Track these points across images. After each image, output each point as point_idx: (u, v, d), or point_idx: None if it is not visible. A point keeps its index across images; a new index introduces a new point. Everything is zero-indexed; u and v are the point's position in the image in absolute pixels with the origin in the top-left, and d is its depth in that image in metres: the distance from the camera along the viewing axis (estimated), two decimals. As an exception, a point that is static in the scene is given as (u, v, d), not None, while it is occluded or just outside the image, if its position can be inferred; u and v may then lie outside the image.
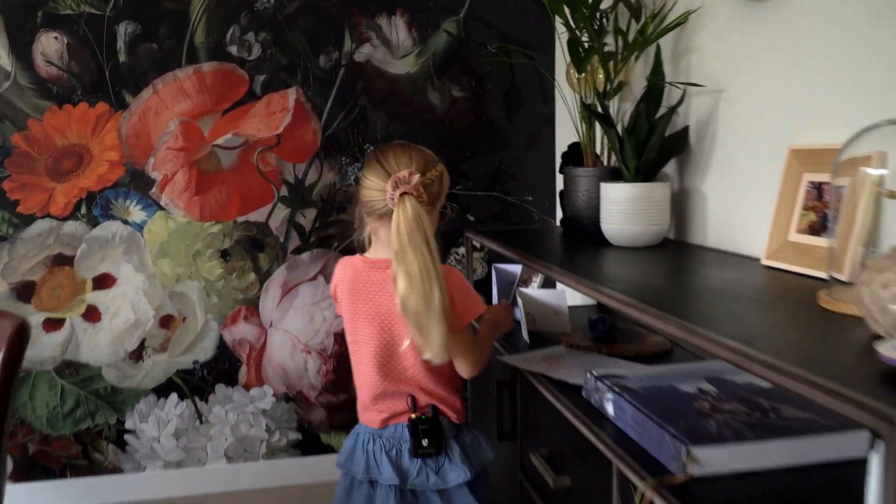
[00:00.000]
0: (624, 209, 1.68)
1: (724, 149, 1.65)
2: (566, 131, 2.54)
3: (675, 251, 1.69)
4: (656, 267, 1.52)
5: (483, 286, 2.45)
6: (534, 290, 2.09)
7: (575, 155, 2.02)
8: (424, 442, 1.50)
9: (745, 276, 1.36)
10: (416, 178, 1.44)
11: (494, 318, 1.67)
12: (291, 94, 2.46)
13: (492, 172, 2.63)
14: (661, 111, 1.72)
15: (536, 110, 2.64)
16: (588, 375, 1.38)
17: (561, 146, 2.61)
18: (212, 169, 2.44)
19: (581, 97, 1.94)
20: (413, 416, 1.51)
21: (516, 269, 2.19)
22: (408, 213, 1.41)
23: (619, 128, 1.77)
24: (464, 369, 1.53)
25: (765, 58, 1.50)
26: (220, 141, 2.43)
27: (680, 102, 1.68)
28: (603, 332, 1.82)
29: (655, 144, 1.64)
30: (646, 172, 1.68)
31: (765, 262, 1.41)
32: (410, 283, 1.38)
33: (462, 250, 2.65)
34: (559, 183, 2.67)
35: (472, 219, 2.64)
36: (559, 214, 2.64)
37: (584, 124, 1.93)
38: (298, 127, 2.47)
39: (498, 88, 2.60)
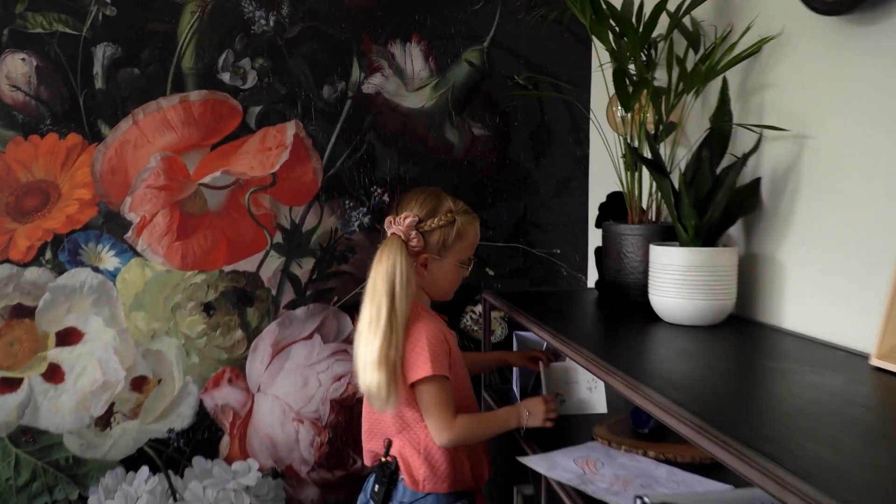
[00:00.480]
0: (680, 279, 1.35)
1: (809, 208, 1.32)
2: (603, 177, 2.23)
3: (744, 333, 1.35)
4: (721, 358, 1.19)
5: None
6: (561, 362, 1.76)
7: (615, 207, 1.70)
8: (376, 487, 1.51)
9: (848, 383, 1.02)
10: (408, 220, 1.49)
11: (526, 408, 1.50)
12: (290, 129, 2.17)
13: (515, 221, 2.31)
14: (725, 160, 1.40)
15: (568, 152, 2.32)
16: (639, 507, 1.04)
17: (597, 195, 2.29)
18: (197, 211, 2.15)
19: (625, 139, 1.62)
20: (383, 458, 1.53)
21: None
22: (381, 255, 1.48)
23: (673, 178, 1.45)
24: (434, 434, 1.46)
25: (869, 97, 1.17)
26: (207, 179, 2.14)
27: (755, 149, 1.35)
28: (650, 427, 1.48)
29: (722, 200, 1.31)
30: (708, 234, 1.35)
31: (876, 362, 1.07)
32: (360, 327, 1.47)
33: (478, 309, 2.32)
34: (592, 236, 2.35)
35: (491, 273, 2.32)
36: (591, 272, 2.31)
37: (627, 172, 1.61)
38: (297, 165, 2.18)
39: (525, 127, 2.29)
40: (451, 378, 1.48)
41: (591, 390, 1.68)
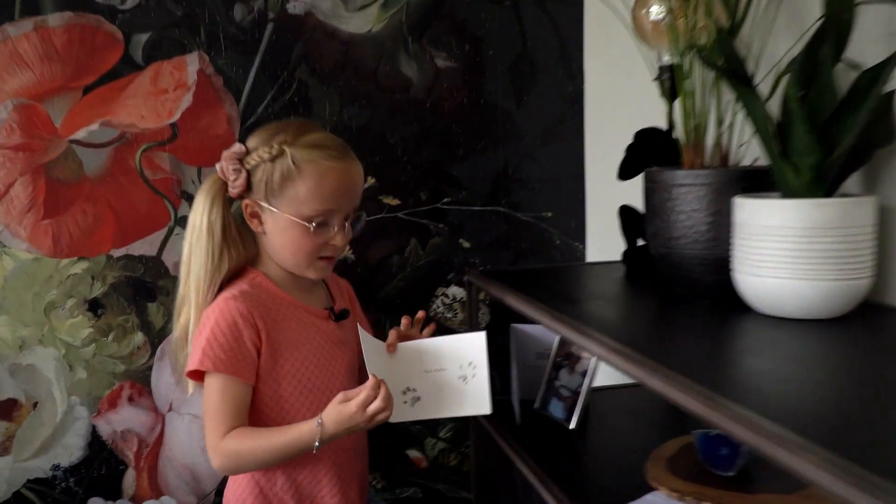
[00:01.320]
0: (794, 248, 0.87)
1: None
2: (603, 120, 1.74)
3: (885, 328, 0.89)
4: (857, 366, 0.74)
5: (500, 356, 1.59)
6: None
7: (650, 148, 1.21)
8: None
9: None
10: (232, 149, 1.16)
11: (320, 416, 1.07)
12: (191, 63, 1.62)
13: (493, 178, 1.81)
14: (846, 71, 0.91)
15: (557, 88, 1.82)
16: None
17: (597, 142, 1.81)
18: (70, 178, 1.60)
19: (680, 47, 1.12)
20: None
21: (549, 334, 1.40)
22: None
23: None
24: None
25: None
26: (80, 135, 1.59)
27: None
28: (737, 467, 1.02)
29: (855, 126, 0.82)
30: (833, 179, 0.88)
31: None
32: None
33: (452, 291, 1.83)
34: (592, 195, 1.86)
35: (466, 244, 1.82)
36: (593, 241, 1.83)
37: (667, 99, 1.12)
38: (204, 112, 1.64)
39: (502, 57, 1.78)
40: (263, 385, 1.15)
41: (466, 381, 1.14)
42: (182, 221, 1.67)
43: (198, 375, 1.14)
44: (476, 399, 1.11)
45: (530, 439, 1.29)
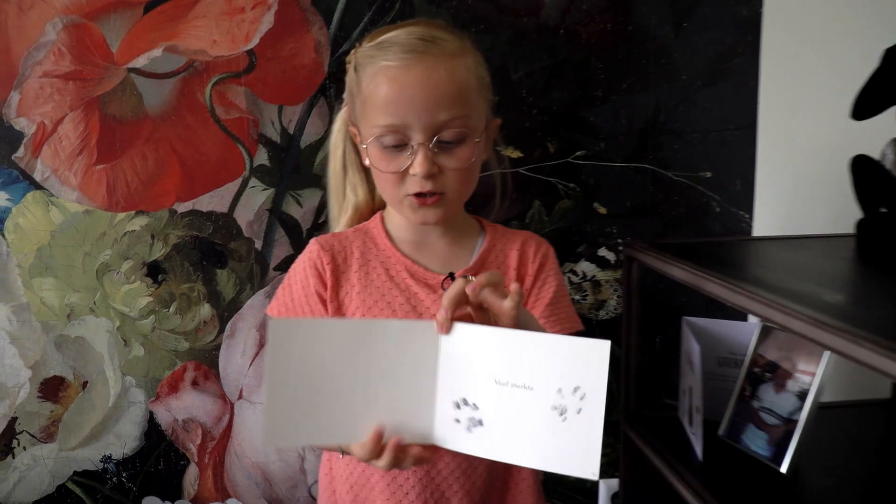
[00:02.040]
0: None
1: None
2: (785, 51, 1.35)
3: None
4: None
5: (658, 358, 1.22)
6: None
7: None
8: None
9: None
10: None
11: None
12: (274, -25, 1.32)
13: (641, 127, 1.44)
14: None
15: (726, 11, 1.43)
16: None
17: (775, 82, 1.41)
18: (128, 114, 1.32)
19: None
20: None
21: (740, 331, 1.03)
22: None
23: None
24: None
25: None
26: (140, 62, 1.31)
27: None
28: None
29: None
30: None
31: None
32: None
33: (582, 268, 1.47)
34: (762, 148, 1.47)
35: (602, 210, 1.46)
36: (762, 210, 1.45)
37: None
38: (288, 37, 1.33)
39: (657, -30, 1.41)
40: None
41: (565, 416, 0.69)
42: (260, 173, 1.37)
43: None
44: (576, 450, 0.69)
45: (718, 482, 0.92)
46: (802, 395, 0.96)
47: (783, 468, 0.94)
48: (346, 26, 1.34)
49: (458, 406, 0.74)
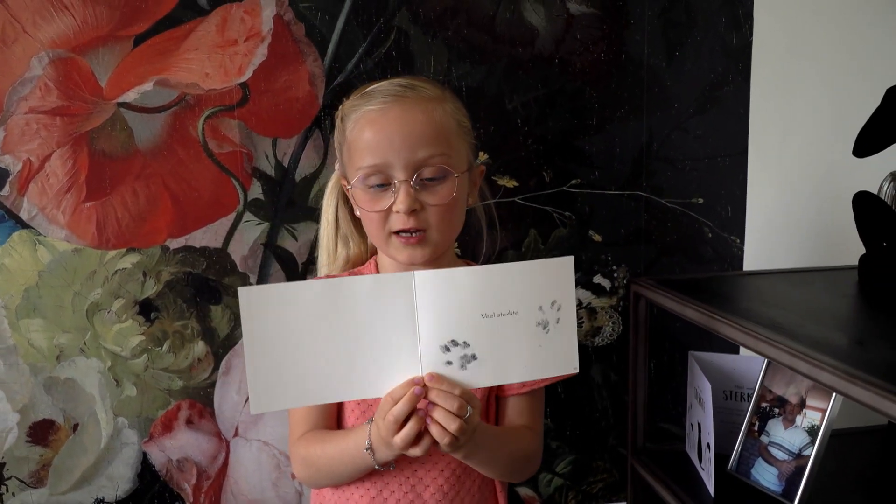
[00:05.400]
0: None
1: None
2: (775, 80, 1.37)
3: None
4: None
5: (666, 396, 1.23)
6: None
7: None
8: None
9: None
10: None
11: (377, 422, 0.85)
12: (267, 7, 1.29)
13: (634, 155, 1.45)
14: None
15: (717, 40, 1.45)
16: None
17: (763, 110, 1.44)
18: (118, 150, 1.29)
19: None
20: None
21: (745, 365, 1.04)
22: None
23: None
24: None
25: None
26: (131, 96, 1.27)
27: None
28: None
29: None
30: None
31: None
32: None
33: (577, 295, 1.48)
34: (754, 177, 1.49)
35: (596, 237, 1.47)
36: (752, 234, 1.47)
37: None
38: (282, 70, 1.31)
39: (651, 2, 1.42)
40: None
41: (547, 329, 0.83)
42: (254, 207, 1.35)
43: None
44: (561, 354, 0.82)
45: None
46: (811, 431, 0.98)
47: (796, 504, 0.95)
48: (340, 58, 1.33)
49: (446, 349, 0.80)
